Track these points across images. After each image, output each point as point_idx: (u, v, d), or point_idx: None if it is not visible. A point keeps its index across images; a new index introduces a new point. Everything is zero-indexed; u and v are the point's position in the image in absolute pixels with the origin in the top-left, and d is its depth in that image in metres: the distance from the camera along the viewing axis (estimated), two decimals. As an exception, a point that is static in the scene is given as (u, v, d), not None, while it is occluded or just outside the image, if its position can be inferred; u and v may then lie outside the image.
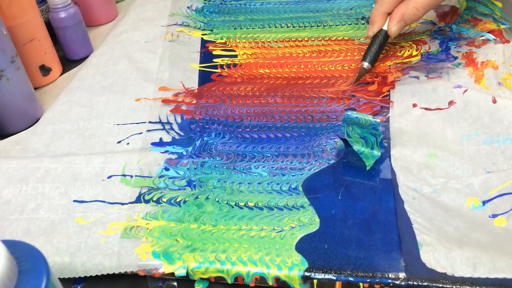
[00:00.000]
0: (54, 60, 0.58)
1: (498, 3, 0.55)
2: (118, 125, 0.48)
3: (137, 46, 0.60)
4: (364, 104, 0.47)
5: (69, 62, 0.62)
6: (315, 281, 0.32)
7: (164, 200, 0.39)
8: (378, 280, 0.31)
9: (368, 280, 0.31)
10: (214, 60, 0.58)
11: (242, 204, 0.38)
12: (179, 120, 0.48)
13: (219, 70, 0.56)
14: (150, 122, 0.48)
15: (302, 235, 0.35)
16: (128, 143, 0.45)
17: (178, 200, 0.39)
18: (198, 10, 0.69)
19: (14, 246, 0.24)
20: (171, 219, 0.37)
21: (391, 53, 0.53)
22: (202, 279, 0.34)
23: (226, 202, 0.38)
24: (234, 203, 0.38)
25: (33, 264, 0.23)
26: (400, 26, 0.49)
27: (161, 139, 0.46)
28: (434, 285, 0.30)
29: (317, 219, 0.36)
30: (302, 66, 0.55)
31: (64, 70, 0.60)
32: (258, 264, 0.33)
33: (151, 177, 0.41)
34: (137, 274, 0.34)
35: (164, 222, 0.37)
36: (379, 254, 0.33)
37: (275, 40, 0.60)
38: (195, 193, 0.40)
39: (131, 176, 0.41)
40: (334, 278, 0.32)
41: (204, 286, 0.34)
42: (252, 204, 0.38)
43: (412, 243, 0.33)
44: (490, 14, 0.52)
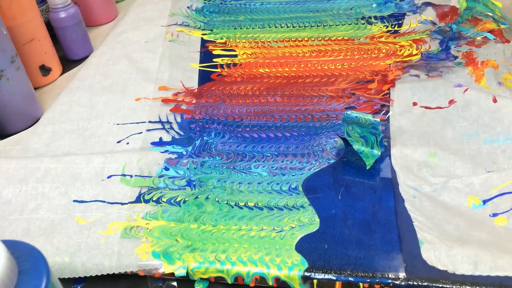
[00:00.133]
0: (54, 60, 0.58)
1: (498, 3, 0.55)
2: (118, 125, 0.48)
3: (137, 46, 0.60)
4: (364, 102, 0.47)
5: (69, 62, 0.62)
6: (315, 281, 0.32)
7: (164, 200, 0.39)
8: (378, 280, 0.31)
9: (368, 280, 0.31)
10: (214, 59, 0.58)
11: (242, 204, 0.38)
12: (179, 119, 0.48)
13: (219, 70, 0.56)
14: (150, 122, 0.48)
15: (302, 235, 0.35)
16: (128, 143, 0.45)
17: (178, 200, 0.39)
18: (198, 10, 0.69)
19: (14, 246, 0.24)
20: (171, 219, 0.37)
21: (391, 52, 0.53)
22: (202, 279, 0.34)
23: (226, 202, 0.38)
24: (234, 203, 0.38)
25: (33, 264, 0.23)
26: None
27: (161, 139, 0.46)
28: (434, 285, 0.30)
29: (317, 219, 0.36)
30: (302, 65, 0.55)
31: (64, 70, 0.60)
32: (258, 264, 0.33)
33: (151, 176, 0.41)
34: (137, 274, 0.34)
35: (164, 222, 0.37)
36: (379, 254, 0.33)
37: (275, 40, 0.60)
38: (195, 193, 0.39)
39: (131, 176, 0.41)
40: (334, 278, 0.32)
41: (204, 286, 0.34)
42: (252, 204, 0.38)
43: (412, 242, 0.33)
44: (490, 14, 0.52)
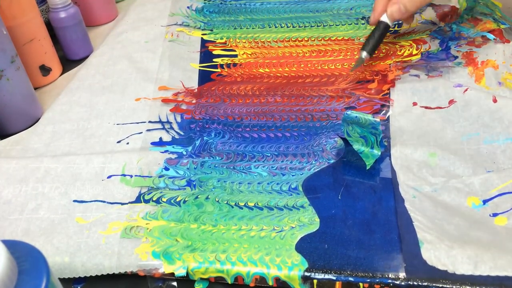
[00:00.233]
0: (54, 60, 0.58)
1: (498, 3, 0.55)
2: (118, 125, 0.48)
3: (137, 46, 0.60)
4: (364, 102, 0.47)
5: (69, 62, 0.62)
6: (315, 281, 0.32)
7: (164, 200, 0.39)
8: (378, 280, 0.31)
9: (368, 280, 0.31)
10: (214, 59, 0.58)
11: (242, 204, 0.38)
12: (179, 119, 0.48)
13: (219, 70, 0.56)
14: (150, 122, 0.48)
15: (302, 235, 0.35)
16: (128, 143, 0.45)
17: (178, 200, 0.39)
18: (198, 10, 0.69)
19: (14, 246, 0.24)
20: (171, 219, 0.37)
21: (391, 52, 0.53)
22: (202, 279, 0.34)
23: (226, 202, 0.38)
24: (234, 203, 0.38)
25: (33, 264, 0.23)
26: (398, 9, 0.47)
27: (161, 139, 0.46)
28: (434, 285, 0.30)
29: (317, 219, 0.36)
30: (302, 65, 0.55)
31: (64, 70, 0.60)
32: (258, 264, 0.33)
33: (151, 176, 0.41)
34: (137, 274, 0.34)
35: (164, 222, 0.37)
36: (379, 254, 0.33)
37: (275, 40, 0.60)
38: (195, 193, 0.39)
39: (131, 176, 0.41)
40: (334, 278, 0.32)
41: (204, 286, 0.34)
42: (252, 204, 0.38)
43: (412, 242, 0.33)
44: (490, 14, 0.52)
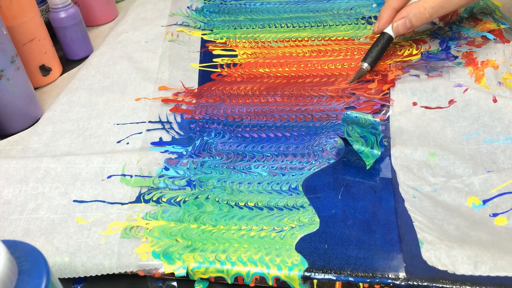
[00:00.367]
0: (54, 60, 0.58)
1: (498, 3, 0.55)
2: (118, 125, 0.48)
3: (137, 46, 0.60)
4: (364, 102, 0.47)
5: (69, 62, 0.62)
6: (315, 281, 0.32)
7: (164, 200, 0.39)
8: (378, 280, 0.31)
9: (368, 280, 0.31)
10: (214, 59, 0.58)
11: (242, 204, 0.38)
12: (179, 119, 0.48)
13: (219, 70, 0.56)
14: (150, 122, 0.48)
15: (302, 235, 0.35)
16: (128, 143, 0.45)
17: (178, 200, 0.39)
18: (198, 10, 0.69)
19: (14, 246, 0.24)
20: (171, 219, 0.37)
21: (391, 52, 0.53)
22: (202, 279, 0.34)
23: (226, 202, 0.38)
24: (234, 203, 0.38)
25: (33, 264, 0.23)
26: (403, 24, 0.47)
27: (161, 139, 0.46)
28: (434, 285, 0.30)
29: (317, 219, 0.36)
30: (302, 65, 0.55)
31: (64, 70, 0.60)
32: (258, 264, 0.33)
33: (151, 176, 0.41)
34: (137, 274, 0.34)
35: (164, 222, 0.37)
36: (379, 254, 0.33)
37: (275, 40, 0.60)
38: (195, 192, 0.39)
39: (131, 176, 0.41)
40: (334, 278, 0.32)
41: (204, 286, 0.34)
42: (252, 204, 0.38)
43: (412, 242, 0.33)
44: (490, 14, 0.52)
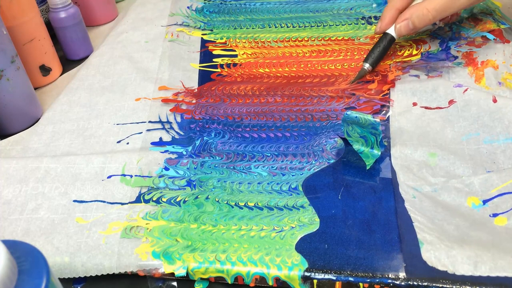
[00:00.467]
0: (54, 60, 0.58)
1: (498, 3, 0.55)
2: (118, 125, 0.48)
3: (137, 46, 0.60)
4: (364, 102, 0.47)
5: (69, 62, 0.62)
6: (315, 281, 0.32)
7: (164, 200, 0.39)
8: (378, 280, 0.31)
9: (368, 280, 0.31)
10: (214, 59, 0.58)
11: (242, 204, 0.38)
12: (179, 119, 0.48)
13: (219, 70, 0.56)
14: (150, 122, 0.48)
15: (302, 235, 0.35)
16: (128, 143, 0.45)
17: (178, 200, 0.39)
18: (198, 10, 0.69)
19: (14, 246, 0.24)
20: (171, 219, 0.37)
21: (391, 52, 0.53)
22: (202, 279, 0.34)
23: (226, 202, 0.38)
24: (234, 203, 0.38)
25: (33, 264, 0.23)
26: (406, 25, 0.48)
27: (161, 139, 0.46)
28: (434, 285, 0.30)
29: (317, 219, 0.36)
30: (302, 65, 0.55)
31: (64, 70, 0.60)
32: (258, 264, 0.33)
33: (151, 176, 0.41)
34: (137, 274, 0.34)
35: (164, 222, 0.37)
36: (379, 254, 0.33)
37: (275, 40, 0.60)
38: (195, 193, 0.39)
39: (131, 176, 0.41)
40: (334, 278, 0.32)
41: (204, 286, 0.34)
42: (252, 204, 0.38)
43: (412, 242, 0.33)
44: (490, 14, 0.52)
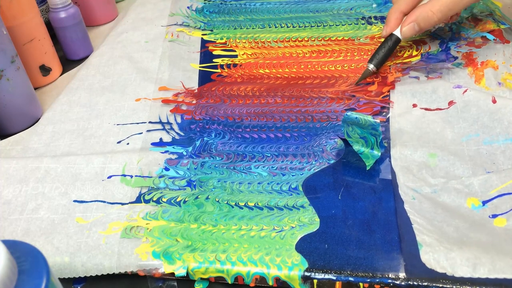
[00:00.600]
0: (54, 60, 0.58)
1: (498, 3, 0.55)
2: (118, 125, 0.48)
3: (137, 46, 0.60)
4: (364, 104, 0.47)
5: (69, 62, 0.62)
6: (315, 281, 0.32)
7: (164, 200, 0.39)
8: (378, 280, 0.31)
9: (368, 280, 0.31)
10: (214, 60, 0.58)
11: (242, 204, 0.38)
12: (179, 120, 0.48)
13: (219, 70, 0.56)
14: (150, 122, 0.48)
15: (302, 235, 0.35)
16: (128, 143, 0.45)
17: (178, 200, 0.39)
18: (198, 10, 0.69)
19: (14, 246, 0.24)
20: (171, 219, 0.37)
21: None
22: (202, 279, 0.34)
23: (226, 202, 0.38)
24: (234, 203, 0.38)
25: (33, 264, 0.23)
26: (412, 28, 0.48)
27: (161, 139, 0.46)
28: (434, 285, 0.30)
29: (317, 219, 0.36)
30: (302, 66, 0.55)
31: (64, 70, 0.60)
32: (258, 264, 0.33)
33: (151, 177, 0.41)
34: (137, 274, 0.34)
35: (164, 222, 0.37)
36: (379, 254, 0.33)
37: (275, 40, 0.60)
38: (195, 193, 0.40)
39: (131, 176, 0.41)
40: (334, 278, 0.32)
41: (204, 286, 0.34)
42: (252, 204, 0.38)
43: (412, 243, 0.33)
44: (490, 14, 0.52)
